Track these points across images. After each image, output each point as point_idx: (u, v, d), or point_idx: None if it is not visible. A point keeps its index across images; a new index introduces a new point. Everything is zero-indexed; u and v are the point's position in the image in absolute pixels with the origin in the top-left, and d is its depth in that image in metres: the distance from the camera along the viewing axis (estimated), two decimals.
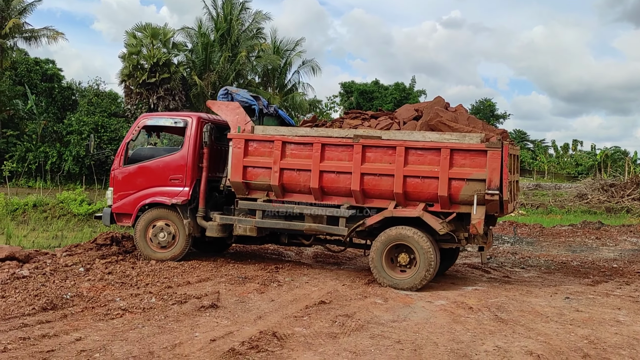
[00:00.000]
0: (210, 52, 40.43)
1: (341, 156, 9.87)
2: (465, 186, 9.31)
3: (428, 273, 9.38)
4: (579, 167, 63.00)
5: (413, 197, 9.64)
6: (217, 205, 11.07)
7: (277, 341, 6.45)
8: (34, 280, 8.76)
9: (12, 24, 39.69)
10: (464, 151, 9.32)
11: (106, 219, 11.31)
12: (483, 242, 9.94)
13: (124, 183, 11.21)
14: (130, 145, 11.44)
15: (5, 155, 37.30)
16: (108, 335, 6.47)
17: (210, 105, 10.96)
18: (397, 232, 9.58)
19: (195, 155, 10.84)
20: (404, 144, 9.55)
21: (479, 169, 9.24)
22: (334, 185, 9.93)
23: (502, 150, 9.13)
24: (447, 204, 9.51)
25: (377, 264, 9.63)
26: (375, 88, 52.73)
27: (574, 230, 19.64)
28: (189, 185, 10.80)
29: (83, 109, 39.98)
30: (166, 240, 10.88)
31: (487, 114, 60.62)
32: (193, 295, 8.29)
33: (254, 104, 11.00)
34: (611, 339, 7.08)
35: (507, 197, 9.31)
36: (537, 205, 34.04)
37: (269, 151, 10.19)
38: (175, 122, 11.24)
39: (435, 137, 9.56)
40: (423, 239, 9.39)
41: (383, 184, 9.67)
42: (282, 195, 10.28)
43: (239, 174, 10.31)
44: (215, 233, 10.69)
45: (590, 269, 12.22)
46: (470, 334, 7.10)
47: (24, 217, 23.36)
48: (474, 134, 9.49)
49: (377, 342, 6.61)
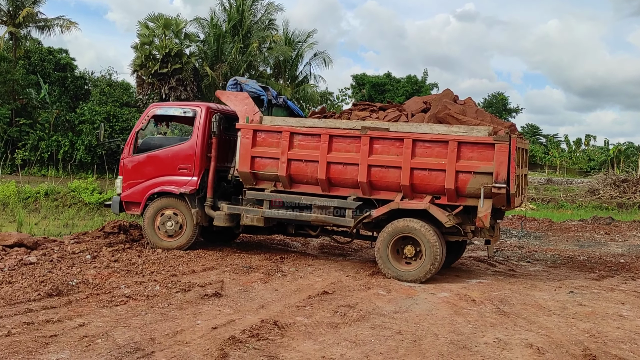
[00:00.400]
0: (222, 43, 40.50)
1: (349, 147, 9.89)
2: (472, 179, 9.30)
3: (433, 266, 9.39)
4: (592, 162, 62.66)
5: (420, 190, 9.64)
6: (225, 195, 11.13)
7: (278, 330, 6.49)
8: (40, 267, 8.86)
9: (26, 13, 39.93)
10: (471, 144, 9.30)
11: (115, 207, 11.40)
12: (490, 235, 9.93)
13: (133, 172, 11.29)
14: (139, 134, 11.53)
15: (18, 144, 37.65)
16: (111, 321, 6.54)
17: (219, 96, 10.99)
18: (403, 224, 9.59)
19: (203, 145, 10.89)
20: (412, 136, 9.55)
21: (487, 162, 9.22)
22: (341, 177, 9.95)
23: (509, 144, 9.11)
24: (454, 197, 9.51)
25: (383, 255, 9.65)
26: (387, 81, 52.65)
27: (583, 226, 19.57)
28: (197, 175, 10.86)
29: (95, 99, 40.27)
30: (173, 229, 10.95)
31: (499, 107, 60.44)
32: (197, 284, 8.36)
33: (262, 95, 11.02)
34: (613, 333, 7.07)
35: (515, 191, 9.30)
36: (548, 200, 33.93)
37: (276, 142, 10.21)
38: (185, 112, 11.30)
39: (443, 130, 9.54)
40: (429, 232, 9.40)
41: (390, 176, 9.68)
42: (289, 186, 10.31)
43: (246, 164, 10.36)
44: (222, 222, 10.75)
45: (596, 264, 12.19)
46: (471, 326, 7.12)
47: (35, 205, 23.56)
48: (482, 127, 9.47)
49: (377, 333, 6.64)
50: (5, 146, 36.73)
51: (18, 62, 40.42)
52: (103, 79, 42.84)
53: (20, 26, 40.98)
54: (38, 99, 40.44)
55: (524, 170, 10.54)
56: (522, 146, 10.12)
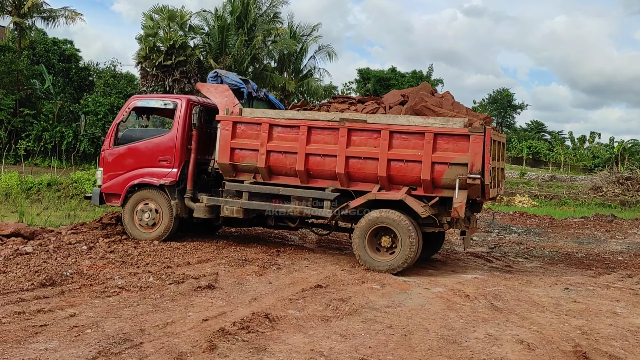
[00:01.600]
0: (226, 35, 40.40)
1: (327, 139, 9.97)
2: (447, 170, 9.39)
3: (409, 257, 9.45)
4: (596, 160, 62.48)
5: (397, 181, 9.74)
6: (206, 187, 11.19)
7: (269, 322, 6.49)
8: (36, 257, 8.88)
9: (31, 3, 39.93)
10: (447, 135, 9.40)
11: (95, 199, 11.49)
12: (465, 226, 10.06)
13: (114, 164, 11.35)
14: (120, 126, 11.57)
15: (22, 134, 37.72)
16: (102, 312, 6.55)
17: (199, 88, 11.10)
18: (379, 214, 9.65)
19: (184, 137, 10.94)
20: (389, 127, 9.63)
21: (462, 153, 9.32)
22: (320, 168, 10.04)
23: (484, 135, 9.20)
24: (430, 188, 9.59)
25: (360, 245, 9.73)
26: (392, 75, 52.60)
27: (584, 223, 19.54)
28: (178, 167, 10.92)
29: (99, 90, 40.29)
30: (151, 220, 11.01)
31: (504, 104, 60.34)
32: (191, 276, 8.37)
33: (243, 87, 11.14)
34: (605, 330, 7.05)
35: (489, 182, 9.38)
36: (551, 196, 33.87)
37: (256, 133, 10.30)
38: (165, 104, 11.38)
39: (419, 122, 9.62)
40: (405, 222, 9.46)
41: (367, 167, 9.78)
42: (268, 178, 10.40)
43: (226, 155, 10.43)
44: (202, 214, 10.81)
45: (594, 261, 12.17)
46: (462, 321, 7.11)
47: (38, 196, 23.64)
48: (457, 119, 9.54)
49: (368, 327, 6.64)
50: (9, 136, 36.79)
51: (23, 52, 40.46)
52: (107, 71, 42.88)
53: (25, 16, 41.02)
54: (42, 89, 40.47)
55: (501, 164, 10.66)
56: (498, 139, 10.22)
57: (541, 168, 57.96)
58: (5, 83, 37.79)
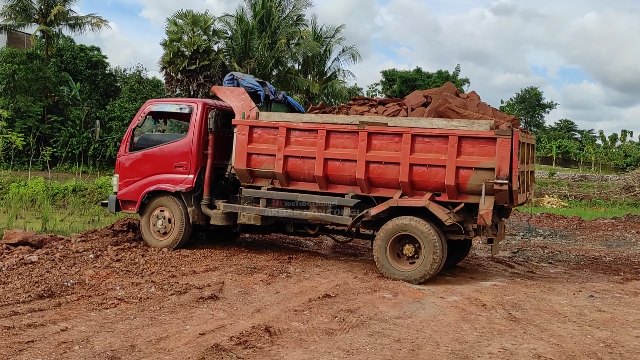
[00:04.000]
0: (249, 39, 40.28)
1: (346, 143, 9.59)
2: (473, 175, 8.92)
3: (433, 266, 9.00)
4: (628, 159, 60.89)
5: (419, 187, 9.30)
6: (223, 193, 10.87)
7: (269, 337, 6.17)
8: (40, 267, 8.69)
9: (57, 11, 40.29)
10: (472, 139, 8.94)
11: (112, 206, 11.25)
12: (492, 234, 9.56)
13: (130, 170, 11.12)
14: (136, 131, 11.35)
15: (50, 140, 38.09)
16: (96, 325, 6.30)
17: (215, 91, 10.82)
18: (402, 222, 9.22)
19: (200, 142, 10.64)
20: (411, 130, 9.20)
21: (488, 157, 8.85)
22: (339, 174, 9.66)
23: (512, 138, 8.72)
24: (454, 194, 9.13)
25: (381, 254, 9.31)
26: (417, 76, 51.97)
27: (614, 224, 18.87)
28: (194, 173, 10.63)
29: (125, 96, 40.50)
30: (164, 227, 10.76)
31: (532, 103, 59.28)
32: (195, 286, 8.09)
33: (259, 90, 10.78)
34: (630, 343, 6.59)
35: (517, 187, 8.90)
36: (581, 197, 33.06)
37: (273, 138, 9.96)
38: (181, 108, 11.09)
39: (443, 124, 9.16)
40: (429, 230, 9.01)
41: (389, 173, 9.37)
42: (286, 184, 10.05)
43: (243, 161, 10.12)
44: (219, 221, 10.51)
45: (622, 265, 11.61)
46: (477, 333, 6.71)
47: (63, 202, 23.78)
48: (483, 121, 9.07)
49: (374, 341, 6.28)
50: (38, 143, 37.14)
51: (50, 59, 40.86)
52: (133, 76, 43.12)
53: (52, 24, 41.38)
54: (69, 96, 40.84)
55: (530, 167, 10.16)
56: (527, 141, 9.74)
57: (571, 168, 56.78)
58: (33, 90, 38.19)
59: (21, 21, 41.36)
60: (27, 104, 36.95)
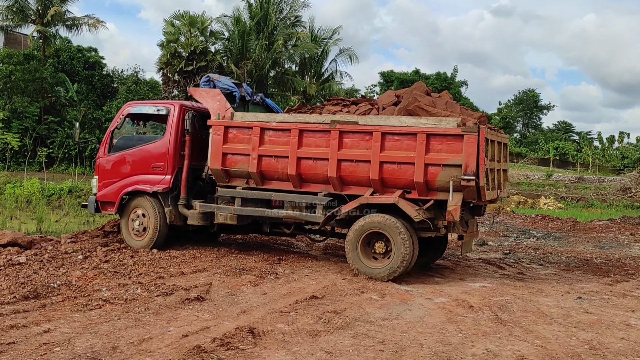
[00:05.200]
0: (246, 40, 40.29)
1: (319, 142, 9.70)
2: (441, 172, 9.03)
3: (403, 263, 9.08)
4: (625, 160, 60.84)
5: (390, 184, 9.41)
6: (202, 193, 10.97)
7: (252, 338, 6.15)
8: (27, 268, 8.68)
9: (54, 12, 40.30)
10: (440, 136, 9.04)
11: (91, 207, 11.32)
12: (463, 230, 9.65)
13: (108, 171, 11.20)
14: (115, 133, 11.42)
15: (47, 141, 38.09)
16: (79, 327, 6.28)
17: (192, 93, 10.92)
18: (372, 219, 9.32)
19: (177, 143, 10.74)
20: (380, 129, 9.31)
21: (456, 154, 8.95)
22: (312, 172, 9.77)
23: (478, 135, 8.81)
24: (424, 191, 9.23)
25: (353, 252, 9.40)
26: (415, 77, 52.09)
27: (609, 226, 18.87)
28: (171, 173, 10.71)
29: (122, 97, 40.53)
30: (140, 228, 10.82)
31: (530, 104, 59.25)
32: (182, 287, 8.08)
33: (235, 91, 10.90)
34: (615, 345, 6.58)
35: (484, 183, 8.98)
36: (578, 198, 33.08)
37: (247, 138, 10.08)
38: (158, 110, 11.17)
39: (412, 122, 9.27)
40: (398, 227, 9.10)
41: (360, 171, 9.47)
42: (261, 183, 10.16)
43: (218, 161, 10.22)
44: (195, 221, 10.59)
45: (613, 267, 11.60)
46: (461, 335, 6.69)
47: (59, 203, 23.73)
48: (451, 119, 9.16)
49: (358, 342, 6.26)
50: (34, 143, 37.14)
51: (47, 60, 40.87)
52: (130, 77, 43.15)
53: (49, 25, 41.40)
54: (66, 97, 40.86)
55: (502, 165, 10.28)
56: (498, 139, 9.83)
57: (568, 169, 56.75)
58: (30, 91, 38.23)
59: (18, 22, 41.42)
60: (23, 104, 36.99)
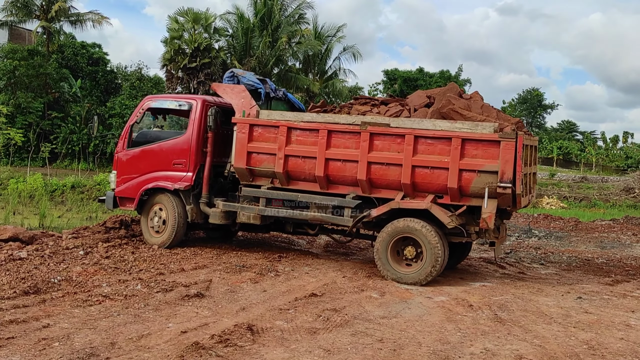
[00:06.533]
0: (250, 37, 40.27)
1: (348, 144, 9.49)
2: (476, 178, 8.84)
3: (434, 268, 8.95)
4: (629, 160, 60.51)
5: (421, 188, 9.21)
6: (222, 191, 10.77)
7: (250, 335, 6.16)
8: (28, 263, 8.70)
9: (58, 8, 40.32)
10: (476, 141, 8.84)
11: (109, 202, 11.15)
12: (494, 237, 9.39)
13: (128, 166, 11.01)
14: (134, 127, 11.25)
15: (50, 137, 38.14)
16: (78, 322, 6.30)
17: (215, 88, 10.67)
18: (403, 224, 9.15)
19: (199, 139, 10.54)
20: (413, 132, 9.11)
21: (492, 160, 8.76)
22: (340, 174, 9.57)
23: (516, 141, 8.63)
24: (457, 196, 9.05)
25: (382, 256, 9.23)
26: (419, 75, 51.91)
27: (611, 226, 18.83)
28: (193, 171, 10.52)
29: (125, 93, 40.57)
30: (158, 225, 10.69)
31: (534, 103, 59.12)
32: (182, 283, 8.08)
33: (260, 88, 10.64)
34: (614, 345, 6.58)
35: (521, 191, 8.82)
36: (581, 198, 33.00)
37: (273, 137, 9.86)
38: (180, 105, 10.95)
39: (446, 126, 9.08)
40: (431, 233, 8.95)
41: (391, 174, 9.27)
42: (286, 183, 9.97)
43: (242, 159, 10.02)
44: (218, 220, 10.40)
45: (614, 267, 11.58)
46: (460, 334, 6.70)
47: (62, 198, 23.74)
48: (487, 123, 8.97)
49: (356, 340, 6.27)
50: (38, 139, 37.20)
51: (51, 56, 40.90)
52: (134, 73, 43.18)
53: (53, 20, 41.41)
54: (70, 92, 40.90)
55: (533, 169, 10.05)
56: (530, 143, 9.62)
57: (572, 169, 56.66)
58: (34, 86, 38.23)
59: (22, 17, 41.44)
60: (27, 100, 37.00)
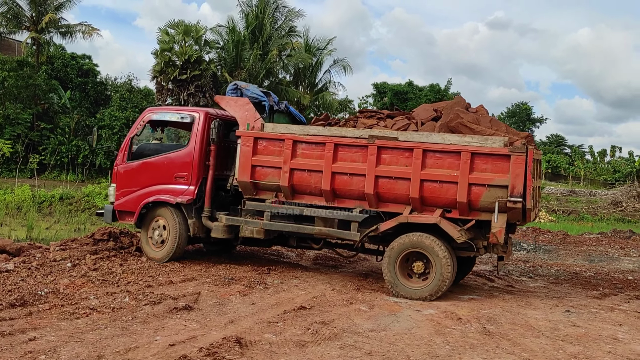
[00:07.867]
0: (241, 49, 40.36)
1: (355, 157, 9.40)
2: (486, 192, 8.80)
3: (444, 283, 8.90)
4: (617, 174, 61.02)
5: (430, 203, 9.14)
6: (223, 204, 10.62)
7: (239, 348, 6.14)
8: (15, 275, 8.63)
9: (49, 19, 40.25)
10: (485, 155, 8.81)
11: (108, 216, 10.99)
12: (503, 251, 9.33)
13: (127, 179, 10.86)
14: (134, 140, 11.12)
15: (39, 148, 37.98)
16: (65, 335, 6.25)
17: (218, 101, 10.56)
18: (412, 238, 9.07)
19: (201, 152, 10.40)
20: (422, 146, 9.05)
21: (502, 174, 8.73)
22: (347, 188, 9.48)
23: (526, 155, 8.62)
24: (466, 211, 9.00)
25: (390, 271, 9.12)
26: (409, 89, 52.24)
27: (599, 239, 18.93)
28: (195, 184, 10.37)
29: (115, 104, 40.52)
30: (159, 239, 10.53)
31: (522, 117, 59.49)
32: (170, 296, 8.05)
33: (264, 100, 10.49)
34: (602, 358, 6.59)
35: (531, 205, 8.81)
36: (569, 211, 33.13)
37: (278, 150, 9.75)
38: (182, 117, 10.83)
39: (455, 140, 9.01)
40: (440, 247, 8.89)
41: (398, 188, 9.19)
42: (291, 197, 9.84)
43: (247, 173, 9.90)
44: (220, 234, 10.24)
45: (602, 281, 11.63)
46: (449, 347, 6.69)
47: (50, 210, 23.61)
48: (497, 137, 8.93)
49: (345, 353, 6.25)
50: (26, 150, 37.02)
51: (41, 67, 40.82)
52: (124, 85, 43.16)
53: (43, 32, 41.33)
54: (59, 104, 40.80)
55: (539, 182, 10.01)
56: (537, 157, 9.56)
57: (560, 182, 56.93)
58: (22, 97, 38.12)
59: (12, 28, 41.28)
60: (16, 111, 36.88)
